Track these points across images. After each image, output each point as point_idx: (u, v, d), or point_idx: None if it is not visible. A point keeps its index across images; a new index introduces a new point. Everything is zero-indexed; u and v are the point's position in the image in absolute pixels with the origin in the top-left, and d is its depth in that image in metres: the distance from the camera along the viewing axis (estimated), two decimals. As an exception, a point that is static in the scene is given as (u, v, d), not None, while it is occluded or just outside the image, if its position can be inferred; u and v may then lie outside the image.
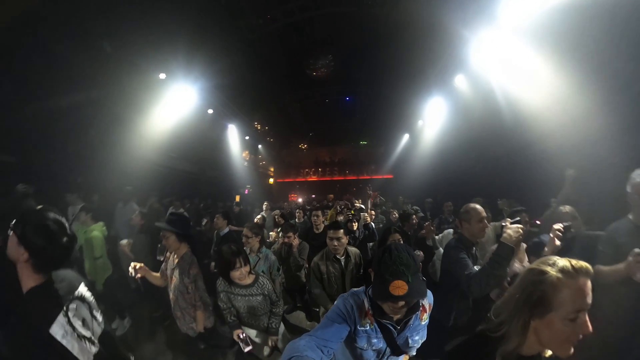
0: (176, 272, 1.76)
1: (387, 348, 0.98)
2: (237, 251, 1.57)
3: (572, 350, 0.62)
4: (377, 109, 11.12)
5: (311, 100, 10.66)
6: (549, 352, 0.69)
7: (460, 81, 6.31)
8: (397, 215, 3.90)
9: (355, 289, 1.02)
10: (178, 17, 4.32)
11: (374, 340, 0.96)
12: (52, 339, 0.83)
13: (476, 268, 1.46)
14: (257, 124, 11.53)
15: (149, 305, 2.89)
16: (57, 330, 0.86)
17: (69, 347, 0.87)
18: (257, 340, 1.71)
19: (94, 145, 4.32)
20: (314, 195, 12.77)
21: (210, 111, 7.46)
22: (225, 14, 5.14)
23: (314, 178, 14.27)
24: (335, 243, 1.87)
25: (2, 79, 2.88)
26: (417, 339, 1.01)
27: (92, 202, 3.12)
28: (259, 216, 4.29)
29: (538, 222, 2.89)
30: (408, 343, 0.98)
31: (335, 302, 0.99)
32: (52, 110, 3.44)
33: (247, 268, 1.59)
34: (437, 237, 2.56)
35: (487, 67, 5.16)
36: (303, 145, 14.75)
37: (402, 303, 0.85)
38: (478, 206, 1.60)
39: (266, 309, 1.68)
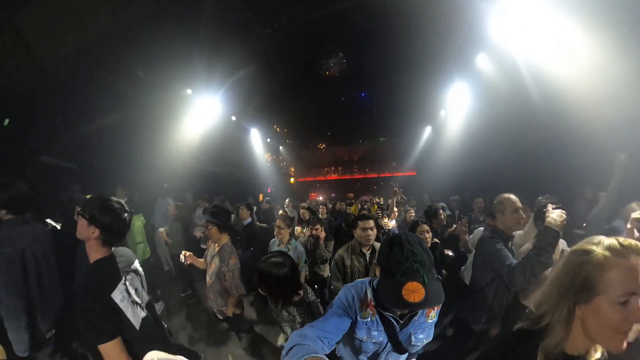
0: (216, 259, 1.89)
1: (388, 343, 0.92)
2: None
3: (625, 344, 0.53)
4: (395, 102, 10.54)
5: (327, 100, 10.81)
6: (596, 355, 0.60)
7: (482, 61, 5.56)
8: (413, 214, 3.65)
9: (360, 279, 0.99)
10: (195, 38, 5.00)
11: (374, 333, 0.91)
12: (113, 302, 0.97)
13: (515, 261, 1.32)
14: (276, 127, 12.24)
15: (178, 285, 3.43)
16: (117, 295, 1.00)
17: (124, 310, 1.01)
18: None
19: (136, 153, 5.28)
20: (334, 194, 12.92)
21: (234, 118, 8.26)
22: (236, 30, 5.69)
23: (333, 177, 14.39)
24: (369, 233, 1.79)
25: (64, 104, 3.80)
26: (421, 337, 0.93)
27: (136, 196, 3.87)
28: (281, 211, 4.48)
29: (584, 224, 2.41)
30: (411, 340, 0.92)
31: (339, 294, 0.95)
32: (102, 126, 4.40)
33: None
34: (467, 237, 2.39)
35: (511, 41, 4.39)
36: (322, 145, 14.94)
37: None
38: (512, 196, 1.52)
39: (294, 326, 1.51)
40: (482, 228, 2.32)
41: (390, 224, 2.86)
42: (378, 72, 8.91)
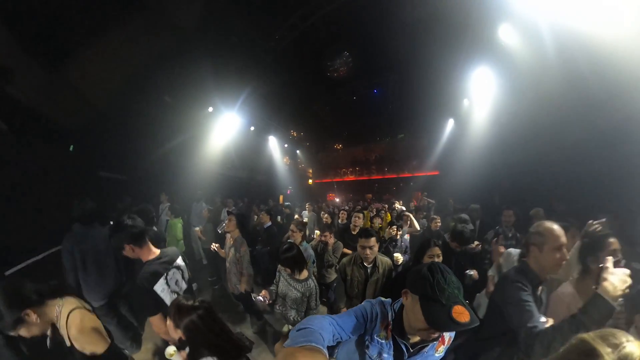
0: (232, 249, 2.46)
1: None
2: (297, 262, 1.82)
3: None
4: (410, 95, 9.58)
5: (339, 101, 10.80)
6: None
7: (506, 33, 4.41)
8: (439, 222, 3.38)
9: (384, 299, 1.00)
10: (209, 63, 5.79)
11: (385, 355, 0.94)
12: (155, 293, 1.38)
13: (543, 319, 1.03)
14: (293, 132, 12.68)
15: (207, 272, 4.02)
16: (158, 287, 1.41)
17: (163, 298, 1.42)
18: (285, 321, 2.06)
19: (173, 164, 6.25)
20: (351, 195, 12.84)
21: (252, 128, 8.95)
22: (242, 48, 6.24)
23: (351, 178, 14.27)
24: (367, 252, 1.81)
25: (113, 130, 4.75)
26: None
27: (175, 202, 4.60)
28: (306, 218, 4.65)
29: None
30: None
31: (363, 303, 0.99)
32: (144, 144, 5.37)
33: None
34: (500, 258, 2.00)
35: (539, 1, 3.35)
36: (338, 146, 14.96)
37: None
38: (556, 226, 1.14)
39: (300, 307, 1.84)
40: (517, 250, 1.84)
41: (401, 259, 2.53)
42: (388, 66, 8.41)
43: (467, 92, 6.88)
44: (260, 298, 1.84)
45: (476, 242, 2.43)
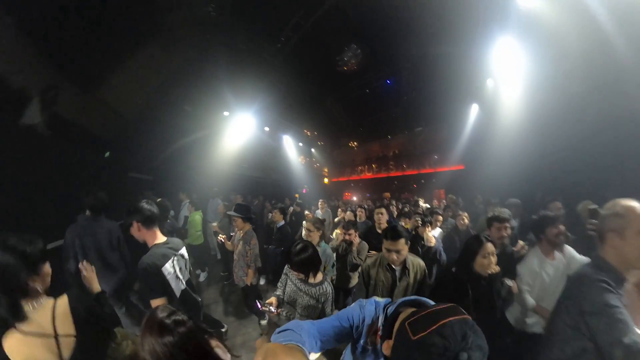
0: (241, 242, 2.57)
1: None
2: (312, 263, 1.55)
3: None
4: (426, 82, 8.70)
5: (351, 96, 10.56)
6: None
7: None
8: (466, 220, 3.08)
9: (378, 300, 0.87)
10: (222, 72, 6.26)
11: None
12: (162, 273, 1.36)
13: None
14: (307, 131, 12.77)
15: (219, 265, 4.28)
16: (166, 269, 1.40)
17: (170, 281, 1.41)
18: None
19: (193, 165, 6.83)
20: (368, 194, 12.46)
21: (267, 129, 9.34)
22: (250, 54, 6.57)
23: (368, 175, 13.87)
24: (394, 256, 1.56)
25: (140, 137, 5.29)
26: None
27: (194, 198, 4.98)
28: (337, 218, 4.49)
29: None
30: None
31: (353, 305, 0.89)
32: (167, 148, 6.00)
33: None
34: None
35: None
36: (353, 143, 14.67)
37: None
38: (637, 204, 0.92)
39: (312, 315, 1.57)
40: (537, 249, 1.69)
41: (433, 239, 2.42)
42: (399, 53, 7.77)
43: (490, 70, 5.97)
44: (271, 308, 1.61)
45: (521, 243, 2.10)
